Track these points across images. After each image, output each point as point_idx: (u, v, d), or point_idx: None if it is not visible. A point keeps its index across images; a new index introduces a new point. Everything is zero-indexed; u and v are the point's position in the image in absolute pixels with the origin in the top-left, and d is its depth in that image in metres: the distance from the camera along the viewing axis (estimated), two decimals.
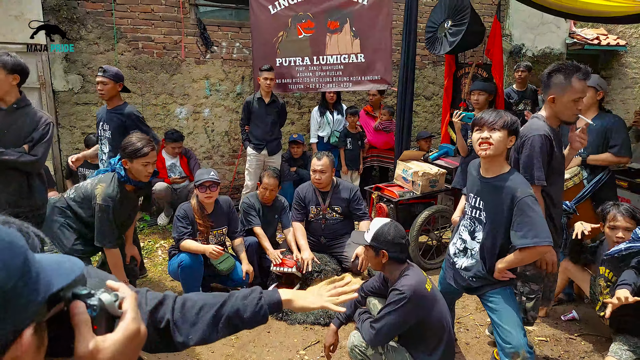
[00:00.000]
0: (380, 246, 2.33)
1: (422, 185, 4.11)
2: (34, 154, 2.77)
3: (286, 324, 3.25)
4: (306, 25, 5.17)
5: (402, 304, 2.24)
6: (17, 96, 2.78)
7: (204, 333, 1.17)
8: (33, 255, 0.64)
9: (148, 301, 1.15)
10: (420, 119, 6.91)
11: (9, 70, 2.69)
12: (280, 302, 1.29)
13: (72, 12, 5.01)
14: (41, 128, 2.81)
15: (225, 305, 1.21)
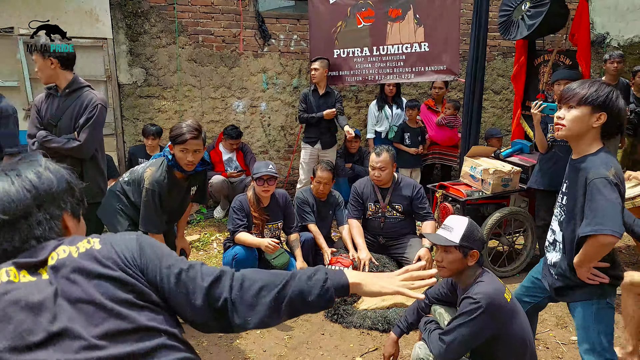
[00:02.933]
0: (471, 246, 2.09)
1: (493, 184, 3.76)
2: (78, 140, 2.71)
3: (342, 326, 3.06)
4: (366, 14, 4.94)
5: (476, 314, 1.98)
6: (67, 80, 2.75)
7: (264, 317, 1.07)
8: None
9: (204, 277, 1.07)
10: (488, 115, 6.47)
11: (43, 53, 2.66)
12: (348, 285, 1.14)
13: (137, 7, 5.11)
14: (88, 111, 2.73)
15: (288, 286, 1.09)
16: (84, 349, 0.89)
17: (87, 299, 0.94)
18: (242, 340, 2.89)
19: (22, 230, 0.98)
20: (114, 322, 0.94)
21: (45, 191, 1.01)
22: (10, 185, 0.99)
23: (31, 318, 0.89)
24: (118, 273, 0.98)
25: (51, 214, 1.02)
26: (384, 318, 3.05)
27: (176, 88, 5.39)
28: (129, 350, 0.93)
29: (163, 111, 5.43)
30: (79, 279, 0.95)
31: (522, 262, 3.89)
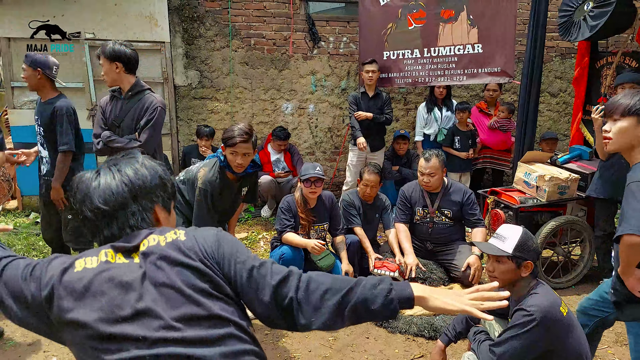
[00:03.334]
0: (525, 257, 2.03)
1: (548, 192, 3.61)
2: (139, 140, 2.85)
3: (387, 331, 3.04)
4: (417, 15, 4.87)
5: (529, 327, 1.92)
6: (130, 83, 2.90)
7: (328, 319, 1.11)
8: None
9: (273, 275, 1.12)
10: (544, 118, 6.20)
11: (109, 58, 2.81)
12: (413, 298, 1.14)
13: (193, 11, 5.31)
14: (148, 113, 2.87)
15: (352, 292, 1.12)
16: (163, 328, 0.99)
17: (169, 284, 1.04)
18: (287, 339, 2.94)
19: (120, 220, 1.12)
20: (190, 308, 1.03)
21: (140, 186, 1.15)
22: (112, 179, 1.13)
23: (122, 295, 1.01)
24: (198, 264, 1.08)
25: (144, 206, 1.15)
26: (431, 325, 3.00)
27: (228, 90, 5.55)
28: (201, 335, 1.01)
29: (215, 112, 5.61)
30: (164, 265, 1.06)
31: (579, 273, 3.71)
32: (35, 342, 2.85)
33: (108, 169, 1.16)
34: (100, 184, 1.13)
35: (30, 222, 4.94)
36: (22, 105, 5.10)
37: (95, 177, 1.14)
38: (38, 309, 1.05)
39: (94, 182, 1.13)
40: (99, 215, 1.11)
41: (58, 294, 1.02)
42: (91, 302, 1.00)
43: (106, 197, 1.11)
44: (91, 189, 1.12)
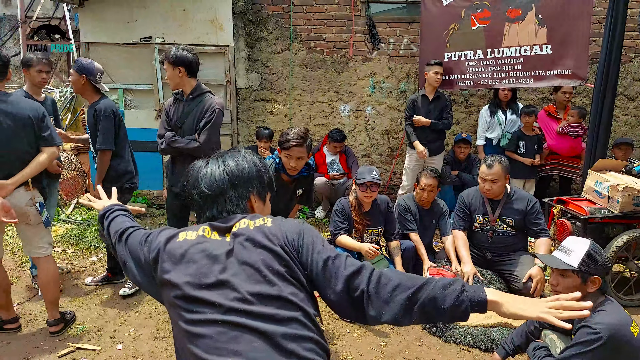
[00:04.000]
0: (592, 271, 1.93)
1: (622, 203, 3.37)
2: (198, 141, 2.99)
3: (440, 340, 2.98)
4: (482, 15, 4.71)
5: (595, 346, 1.82)
6: (191, 87, 3.06)
7: (396, 314, 1.14)
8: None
9: (347, 266, 1.19)
10: (619, 124, 5.78)
11: (173, 63, 2.96)
12: (486, 301, 1.13)
13: (257, 15, 5.47)
14: (207, 114, 3.01)
15: (422, 290, 1.15)
16: (237, 300, 1.12)
17: (250, 262, 1.17)
18: (339, 341, 2.96)
19: (219, 204, 1.30)
20: (264, 287, 1.14)
21: (238, 176, 1.32)
22: (217, 169, 1.32)
23: (209, 265, 1.17)
24: (278, 248, 1.19)
25: (241, 194, 1.32)
26: (487, 337, 2.90)
27: (288, 92, 5.67)
28: (269, 312, 1.11)
29: (274, 114, 5.75)
30: (249, 246, 1.19)
31: None
32: (103, 327, 3.08)
33: (215, 160, 1.35)
34: (207, 172, 1.32)
35: None
36: None
37: (204, 166, 1.34)
38: (147, 269, 1.27)
39: (202, 170, 1.33)
40: (204, 198, 1.31)
41: (162, 258, 1.22)
42: (184, 267, 1.18)
43: (210, 183, 1.30)
44: (199, 175, 1.32)
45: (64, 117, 6.75)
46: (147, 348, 2.85)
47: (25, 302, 3.38)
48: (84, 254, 4.30)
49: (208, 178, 1.31)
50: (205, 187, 1.30)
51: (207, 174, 1.32)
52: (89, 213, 5.32)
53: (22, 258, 4.09)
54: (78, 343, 2.87)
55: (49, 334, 2.93)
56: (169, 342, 2.91)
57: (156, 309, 3.31)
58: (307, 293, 1.19)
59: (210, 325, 1.10)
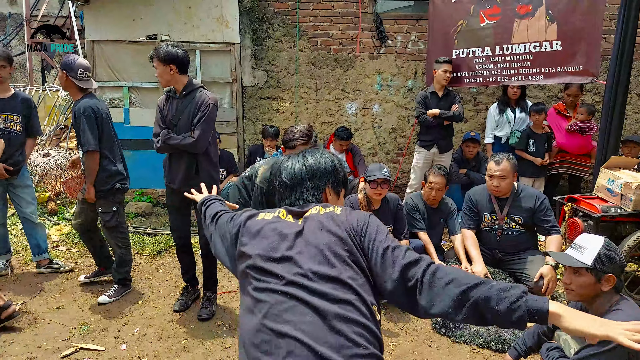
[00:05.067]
0: (606, 269, 1.88)
1: (635, 200, 3.31)
2: (193, 137, 2.94)
3: (450, 340, 2.93)
4: (491, 11, 4.65)
5: (610, 347, 1.77)
6: (184, 83, 2.99)
7: (447, 307, 1.16)
8: None
9: (405, 256, 1.25)
10: (630, 121, 5.70)
11: (163, 61, 2.88)
12: (547, 312, 1.10)
13: (263, 12, 5.44)
14: (201, 110, 2.96)
15: (477, 288, 1.15)
16: (299, 275, 1.23)
17: (315, 244, 1.28)
18: None
19: (297, 192, 1.48)
20: (325, 267, 1.23)
21: (315, 170, 1.49)
22: (297, 162, 1.51)
23: (278, 242, 1.31)
24: (343, 233, 1.29)
25: (317, 185, 1.48)
26: (498, 337, 2.85)
27: (294, 90, 5.63)
28: (325, 291, 1.19)
29: (280, 112, 5.71)
30: (316, 229, 1.31)
31: None
32: (107, 327, 3.05)
33: (296, 156, 1.54)
34: (288, 165, 1.51)
35: None
36: None
37: (286, 160, 1.53)
38: (230, 242, 1.45)
39: (284, 164, 1.52)
40: (284, 187, 1.49)
41: (241, 232, 1.41)
42: (258, 241, 1.34)
43: (290, 175, 1.49)
44: (281, 168, 1.52)
45: (69, 116, 6.75)
46: (152, 348, 2.82)
47: (29, 300, 3.36)
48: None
49: (289, 170, 1.49)
50: (285, 178, 1.49)
51: (287, 167, 1.50)
52: None
53: (26, 257, 4.08)
54: (81, 343, 2.84)
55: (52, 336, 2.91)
56: (173, 342, 2.88)
57: (161, 309, 3.29)
58: (367, 280, 1.26)
59: (271, 294, 1.22)
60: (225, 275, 3.82)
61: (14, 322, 2.98)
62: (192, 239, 3.45)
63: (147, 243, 4.44)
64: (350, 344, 1.12)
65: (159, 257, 4.21)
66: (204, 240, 3.17)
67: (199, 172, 3.05)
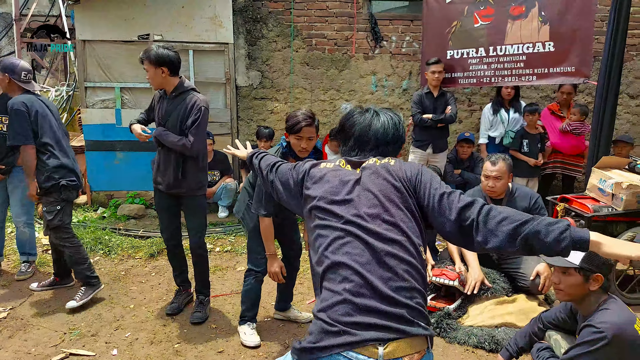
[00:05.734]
0: (594, 269, 1.89)
1: (625, 200, 3.33)
2: (188, 140, 2.90)
3: (444, 341, 2.93)
4: (484, 12, 4.67)
5: (599, 345, 1.80)
6: (174, 84, 2.94)
7: (501, 242, 1.28)
8: None
9: (460, 200, 1.37)
10: (621, 122, 5.74)
11: (155, 63, 2.83)
12: (588, 241, 1.22)
13: (257, 12, 5.43)
14: (193, 114, 2.92)
15: (527, 224, 1.26)
16: (356, 216, 1.39)
17: (371, 190, 1.42)
18: None
19: (363, 150, 1.59)
20: (379, 210, 1.39)
21: (384, 136, 1.58)
22: (377, 122, 1.60)
23: (339, 187, 1.47)
24: (396, 182, 1.43)
25: (382, 152, 1.58)
26: (492, 337, 2.86)
27: (288, 90, 5.62)
28: (377, 230, 1.35)
29: (275, 113, 5.70)
30: (373, 177, 1.45)
31: None
32: (98, 332, 3.02)
33: (374, 114, 1.62)
34: (365, 121, 1.60)
35: (98, 216, 5.25)
36: (94, 104, 5.44)
37: (363, 113, 1.63)
38: (295, 188, 1.62)
39: (360, 117, 1.61)
40: (354, 140, 1.59)
41: (306, 178, 1.57)
42: (321, 185, 1.50)
43: (362, 132, 1.59)
44: (357, 121, 1.60)
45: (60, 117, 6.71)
46: (144, 352, 2.79)
47: (18, 306, 3.32)
48: None
49: (364, 127, 1.58)
50: (357, 133, 1.59)
51: (365, 123, 1.59)
52: (85, 215, 5.27)
53: (15, 261, 4.04)
54: (71, 348, 2.80)
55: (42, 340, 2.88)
56: (166, 347, 2.86)
57: (153, 313, 3.26)
58: (416, 223, 1.40)
59: (332, 230, 1.40)
60: (218, 278, 3.81)
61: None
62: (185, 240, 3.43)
63: (140, 246, 4.41)
64: (397, 278, 1.29)
65: (151, 260, 4.18)
66: (194, 243, 3.15)
67: (186, 176, 3.02)
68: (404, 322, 1.24)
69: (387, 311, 1.23)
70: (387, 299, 1.25)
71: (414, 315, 1.26)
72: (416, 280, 1.31)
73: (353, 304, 1.25)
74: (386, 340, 1.21)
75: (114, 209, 5.36)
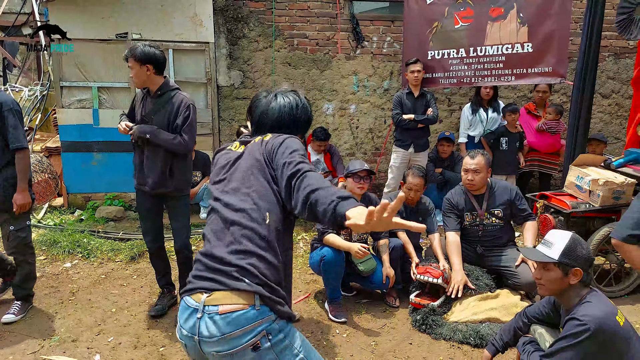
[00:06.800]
0: (573, 263, 1.93)
1: (602, 197, 3.43)
2: (183, 139, 2.89)
3: (430, 337, 2.96)
4: (464, 13, 4.75)
5: (582, 338, 1.83)
6: (159, 84, 2.90)
7: (299, 208, 1.36)
8: None
9: (290, 169, 1.42)
10: (595, 120, 5.92)
11: (140, 61, 2.79)
12: (344, 215, 1.22)
13: (238, 12, 5.38)
14: (183, 112, 2.89)
15: (315, 192, 1.31)
16: (221, 192, 1.54)
17: (241, 165, 1.54)
18: (329, 343, 2.91)
19: (260, 130, 1.67)
20: (239, 183, 1.50)
21: (279, 118, 1.66)
22: (274, 105, 1.66)
23: (222, 167, 1.60)
24: (260, 157, 1.51)
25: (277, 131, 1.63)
26: (477, 332, 2.90)
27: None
28: (230, 202, 1.48)
29: None
30: (247, 153, 1.56)
31: (632, 282, 3.55)
32: (79, 337, 2.94)
33: (272, 97, 1.67)
34: (268, 106, 1.65)
35: (75, 219, 5.11)
36: (70, 104, 5.30)
37: (265, 97, 1.68)
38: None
39: (264, 102, 1.66)
40: (254, 123, 1.68)
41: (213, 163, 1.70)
42: (214, 169, 1.64)
43: (261, 115, 1.67)
44: (260, 104, 1.66)
45: (34, 117, 6.50)
46: (128, 357, 2.73)
47: None
48: (57, 260, 4.11)
49: (262, 110, 1.65)
50: (257, 116, 1.67)
51: (262, 107, 1.66)
52: (62, 217, 5.12)
53: None
54: (51, 355, 2.72)
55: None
56: (150, 350, 2.80)
57: (136, 316, 3.19)
58: (273, 192, 1.47)
59: (211, 210, 1.56)
60: None
61: None
62: (167, 242, 3.37)
63: (120, 249, 4.31)
64: (235, 242, 1.42)
65: (132, 263, 4.09)
66: (179, 245, 3.10)
67: (174, 174, 2.98)
68: (231, 277, 1.38)
69: (218, 268, 1.40)
70: (221, 259, 1.41)
71: (242, 274, 1.38)
72: (255, 244, 1.41)
73: (201, 263, 1.47)
74: (211, 290, 1.39)
75: (92, 211, 5.23)
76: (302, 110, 1.66)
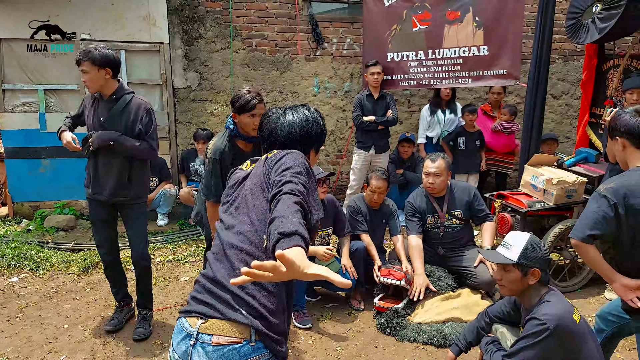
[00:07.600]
0: (531, 264, 1.96)
1: (556, 195, 3.56)
2: (150, 145, 2.78)
3: (395, 340, 2.97)
4: (422, 16, 4.81)
5: (542, 336, 1.87)
6: (114, 87, 2.76)
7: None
8: None
9: (274, 190, 1.33)
10: (547, 120, 6.13)
11: (98, 65, 2.64)
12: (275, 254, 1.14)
13: (193, 12, 5.22)
14: (143, 117, 2.78)
15: (272, 223, 1.21)
16: (224, 212, 1.51)
17: (246, 185, 1.49)
18: (295, 350, 2.86)
19: (274, 149, 1.57)
20: (242, 202, 1.45)
21: (291, 132, 1.59)
22: (285, 120, 1.60)
23: (230, 188, 1.56)
24: (261, 175, 1.45)
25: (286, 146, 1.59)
26: (440, 333, 2.93)
27: (229, 92, 5.46)
28: (230, 224, 1.44)
29: (215, 115, 5.52)
30: (252, 172, 1.52)
31: (585, 277, 3.69)
32: (29, 357, 2.76)
33: (282, 112, 1.62)
34: (280, 122, 1.59)
35: (22, 229, 4.82)
36: (14, 108, 4.99)
37: (279, 116, 1.61)
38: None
39: (278, 119, 1.60)
40: (266, 139, 1.63)
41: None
42: (226, 189, 1.60)
43: (272, 129, 1.61)
44: (273, 122, 1.60)
45: None
46: None
47: None
48: (2, 274, 3.85)
49: (272, 126, 1.59)
50: (267, 133, 1.61)
51: (272, 123, 1.60)
52: (6, 228, 4.80)
53: None
54: None
55: None
56: None
57: (91, 332, 3.03)
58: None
59: (217, 235, 1.49)
60: (161, 290, 3.61)
61: None
62: (122, 252, 3.21)
63: (72, 260, 4.08)
64: (230, 266, 1.36)
65: (86, 275, 3.88)
66: (137, 255, 2.96)
67: (132, 181, 2.84)
68: (227, 306, 1.32)
69: (216, 293, 1.35)
70: (219, 284, 1.36)
71: (239, 303, 1.32)
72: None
73: (200, 284, 1.42)
74: (208, 316, 1.33)
75: (40, 221, 4.93)
76: (313, 124, 1.59)
